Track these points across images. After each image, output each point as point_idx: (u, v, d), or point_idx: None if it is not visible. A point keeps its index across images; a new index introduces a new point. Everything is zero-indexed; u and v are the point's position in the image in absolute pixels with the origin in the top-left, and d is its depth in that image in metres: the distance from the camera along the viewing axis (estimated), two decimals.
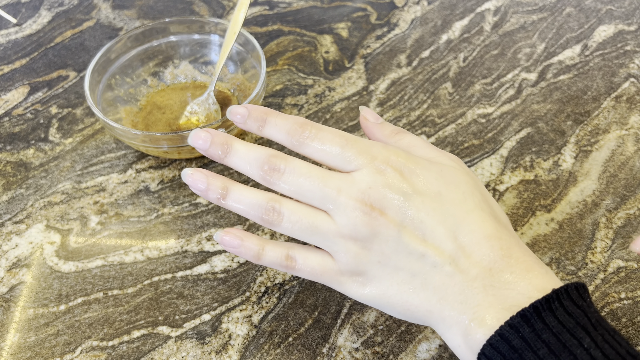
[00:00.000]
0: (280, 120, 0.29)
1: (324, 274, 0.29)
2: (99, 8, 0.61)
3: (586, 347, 0.23)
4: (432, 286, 0.27)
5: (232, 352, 0.34)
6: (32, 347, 0.34)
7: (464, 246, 0.27)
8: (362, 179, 0.27)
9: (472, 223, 0.27)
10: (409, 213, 0.27)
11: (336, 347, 0.34)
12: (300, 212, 0.28)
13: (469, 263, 0.27)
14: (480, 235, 0.27)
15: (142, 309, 0.36)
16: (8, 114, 0.49)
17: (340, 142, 0.28)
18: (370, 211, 0.27)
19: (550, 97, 0.50)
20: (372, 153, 0.28)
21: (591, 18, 0.58)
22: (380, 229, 0.27)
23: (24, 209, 0.42)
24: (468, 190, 0.28)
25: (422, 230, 0.27)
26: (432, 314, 0.27)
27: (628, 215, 0.41)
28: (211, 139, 0.29)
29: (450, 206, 0.28)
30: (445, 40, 0.56)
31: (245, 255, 0.30)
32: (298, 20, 0.59)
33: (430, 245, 0.27)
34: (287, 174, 0.28)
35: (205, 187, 0.29)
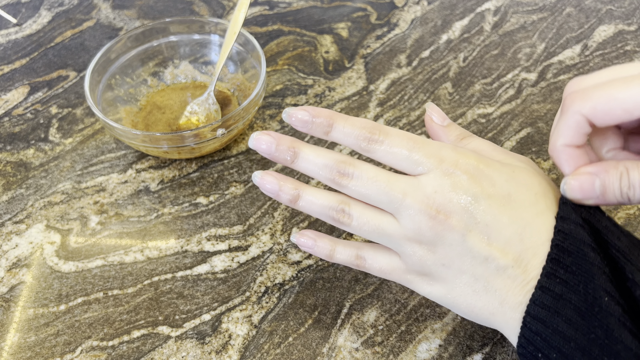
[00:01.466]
0: (348, 125, 0.29)
1: (392, 273, 0.30)
2: (99, 8, 0.61)
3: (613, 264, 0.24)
4: (495, 289, 0.27)
5: (232, 352, 0.34)
6: (32, 347, 0.34)
7: (529, 247, 0.27)
8: (428, 183, 0.27)
9: (541, 225, 0.27)
10: (474, 217, 0.27)
11: (336, 347, 0.34)
12: (367, 215, 0.29)
13: (532, 265, 0.26)
14: (545, 238, 0.27)
15: (142, 309, 0.36)
16: (8, 114, 0.49)
17: (408, 145, 0.28)
18: (435, 215, 0.27)
19: (550, 97, 0.50)
20: (441, 155, 0.28)
21: (591, 18, 0.58)
22: (445, 233, 0.27)
23: (24, 209, 0.42)
24: (541, 191, 0.28)
25: (487, 233, 0.27)
26: (495, 317, 0.28)
27: (628, 215, 0.41)
28: (276, 143, 0.30)
29: (519, 208, 0.27)
30: (445, 40, 0.56)
31: (319, 254, 0.32)
32: (298, 20, 0.59)
33: (495, 248, 0.27)
34: (356, 178, 0.28)
35: (277, 189, 0.30)
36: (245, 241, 0.39)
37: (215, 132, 0.41)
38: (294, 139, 0.30)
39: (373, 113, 0.49)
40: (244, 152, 0.46)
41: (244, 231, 0.40)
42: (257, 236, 0.40)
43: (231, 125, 0.41)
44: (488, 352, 0.33)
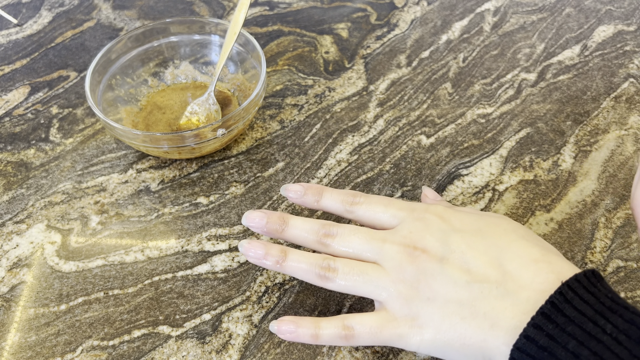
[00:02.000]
0: (334, 193, 0.34)
1: (383, 330, 0.29)
2: (100, 8, 0.62)
3: (609, 333, 0.23)
4: (482, 312, 0.27)
5: (233, 352, 0.34)
6: (32, 346, 0.34)
7: (510, 271, 0.27)
8: (403, 227, 0.31)
9: (517, 249, 0.28)
10: (449, 246, 0.29)
11: (336, 347, 0.34)
12: (352, 264, 0.31)
13: (518, 286, 0.27)
14: (527, 260, 0.27)
15: (142, 309, 0.36)
16: (9, 114, 0.50)
17: (384, 203, 0.32)
18: (412, 251, 0.29)
19: (550, 97, 0.50)
20: (412, 207, 0.32)
21: (591, 18, 0.58)
22: (424, 265, 0.29)
23: (25, 208, 0.42)
24: (509, 227, 0.30)
25: (464, 260, 0.28)
26: (487, 343, 0.27)
27: (627, 215, 0.41)
28: (267, 218, 0.33)
29: (491, 239, 0.29)
30: (445, 41, 0.56)
31: (303, 339, 0.31)
32: (298, 20, 0.59)
33: (475, 272, 0.28)
34: (339, 235, 0.31)
35: (263, 254, 0.32)
36: None
37: (215, 132, 0.41)
38: (282, 213, 0.34)
39: (373, 113, 0.49)
40: (244, 152, 0.46)
41: (244, 231, 0.40)
42: (258, 236, 0.40)
43: (231, 125, 0.41)
44: None
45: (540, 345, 0.24)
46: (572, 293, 0.25)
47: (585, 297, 0.25)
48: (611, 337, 0.23)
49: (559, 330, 0.24)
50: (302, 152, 0.46)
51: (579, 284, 0.25)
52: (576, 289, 0.25)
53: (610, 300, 0.25)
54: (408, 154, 0.46)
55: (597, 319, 0.24)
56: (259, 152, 0.46)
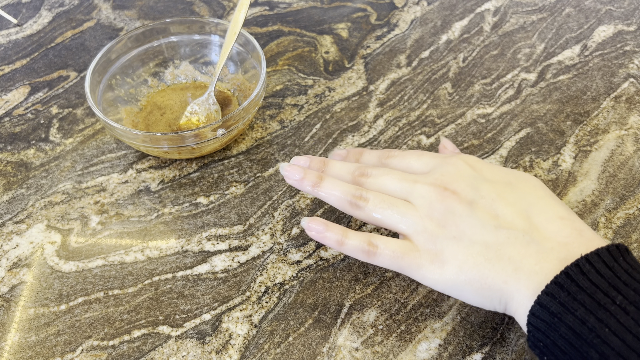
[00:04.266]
0: (372, 153, 0.37)
1: (404, 257, 0.31)
2: (100, 8, 0.62)
3: (619, 304, 0.24)
4: (507, 256, 0.28)
5: (233, 352, 0.34)
6: (32, 346, 0.34)
7: (537, 223, 0.28)
8: (435, 171, 0.32)
9: (545, 205, 0.29)
10: (480, 192, 0.30)
11: (336, 347, 0.34)
12: (383, 197, 0.32)
13: (543, 237, 0.28)
14: (553, 215, 0.29)
15: (142, 309, 0.36)
16: (9, 114, 0.50)
17: (418, 154, 0.35)
18: (443, 191, 0.30)
19: (550, 97, 0.50)
20: (444, 156, 0.33)
21: (590, 18, 0.58)
22: (454, 205, 0.30)
23: (25, 208, 0.42)
24: (539, 185, 0.31)
25: (493, 207, 0.29)
26: (507, 285, 0.28)
27: (627, 215, 0.41)
28: (304, 172, 0.35)
29: (521, 192, 0.30)
30: (445, 41, 0.56)
31: (329, 241, 0.33)
32: (298, 20, 0.59)
33: (502, 219, 0.29)
34: (373, 176, 0.34)
35: (301, 177, 0.34)
36: (245, 241, 0.40)
37: (215, 132, 0.41)
38: (323, 158, 0.37)
39: (373, 113, 0.49)
40: (244, 152, 0.46)
41: (244, 231, 0.40)
42: (258, 236, 0.40)
43: (231, 125, 0.41)
44: (487, 351, 0.33)
45: (552, 312, 0.25)
46: (588, 265, 0.26)
47: (602, 271, 0.25)
48: (619, 307, 0.24)
49: (571, 298, 0.25)
50: (302, 152, 0.46)
51: (597, 258, 0.26)
52: (594, 262, 0.26)
53: (627, 275, 0.25)
54: None
55: (608, 291, 0.25)
56: (259, 152, 0.46)
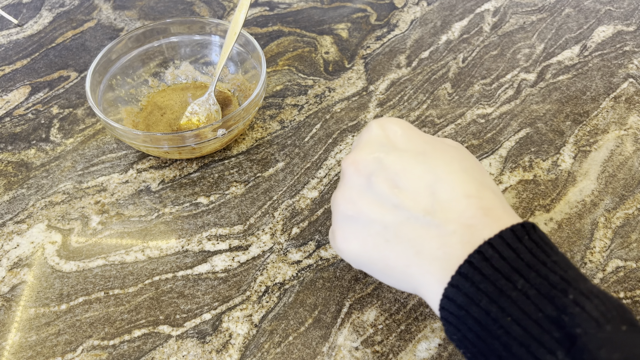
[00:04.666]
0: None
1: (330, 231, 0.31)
2: (100, 9, 0.62)
3: (520, 288, 0.23)
4: (407, 238, 0.26)
5: (233, 352, 0.34)
6: (33, 346, 0.34)
7: (441, 201, 0.26)
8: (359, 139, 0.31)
9: (453, 182, 0.27)
10: (382, 164, 0.28)
11: (336, 346, 0.34)
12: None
13: (446, 218, 0.26)
14: (460, 194, 0.26)
15: (143, 309, 0.36)
16: (9, 114, 0.50)
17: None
18: (347, 163, 0.29)
19: (549, 97, 0.50)
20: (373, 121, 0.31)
21: (590, 19, 0.59)
22: (352, 179, 0.28)
23: (25, 208, 0.42)
24: (456, 156, 0.28)
25: (394, 180, 0.27)
26: (410, 269, 0.27)
27: (627, 215, 0.41)
28: None
29: (432, 164, 0.27)
30: (445, 41, 0.56)
31: None
32: (298, 20, 0.60)
33: (403, 196, 0.27)
34: None
35: None
36: (245, 241, 0.40)
37: (215, 132, 0.41)
38: None
39: (373, 113, 0.49)
40: (245, 152, 0.46)
41: (245, 231, 0.40)
42: (258, 236, 0.40)
43: (231, 125, 0.41)
44: None
45: (458, 305, 0.24)
46: (491, 250, 0.24)
47: (505, 254, 0.24)
48: (521, 292, 0.23)
49: (475, 288, 0.24)
50: (302, 152, 0.46)
51: (501, 240, 0.24)
52: (497, 246, 0.24)
53: (531, 255, 0.24)
54: None
55: (511, 275, 0.23)
56: (259, 152, 0.46)
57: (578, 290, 0.22)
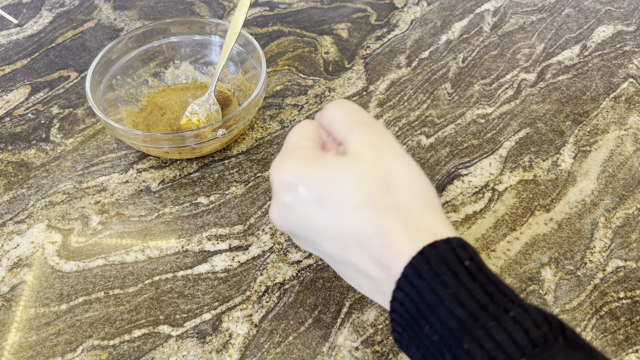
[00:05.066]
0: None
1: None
2: (100, 9, 0.62)
3: (427, 332, 0.24)
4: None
5: (233, 351, 0.34)
6: (33, 346, 0.34)
7: (349, 249, 0.27)
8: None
9: (353, 226, 0.26)
10: (292, 223, 0.28)
11: (336, 346, 0.34)
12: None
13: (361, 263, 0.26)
14: (361, 237, 0.26)
15: (143, 308, 0.36)
16: (9, 114, 0.50)
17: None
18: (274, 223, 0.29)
19: (549, 97, 0.50)
20: (270, 171, 0.30)
21: (590, 19, 0.59)
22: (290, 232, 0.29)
23: (25, 208, 0.42)
24: (353, 187, 0.27)
25: (310, 234, 0.28)
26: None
27: (627, 215, 0.41)
28: None
29: (329, 211, 0.27)
30: (445, 41, 0.56)
31: None
32: (298, 21, 0.60)
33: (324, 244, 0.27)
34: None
35: None
36: (245, 241, 0.40)
37: (215, 132, 0.41)
38: None
39: (373, 113, 0.49)
40: (245, 152, 0.46)
41: (245, 231, 0.40)
42: (258, 236, 0.40)
43: (232, 125, 0.41)
44: None
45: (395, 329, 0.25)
46: (403, 295, 0.25)
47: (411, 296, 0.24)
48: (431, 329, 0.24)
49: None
50: None
51: (406, 282, 0.25)
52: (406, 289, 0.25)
53: (431, 292, 0.24)
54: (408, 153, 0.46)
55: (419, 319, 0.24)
56: (259, 152, 0.46)
57: (472, 336, 0.23)
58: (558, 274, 0.38)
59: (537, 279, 0.37)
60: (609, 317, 0.36)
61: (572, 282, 0.37)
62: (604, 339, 0.34)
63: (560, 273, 0.38)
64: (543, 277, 0.37)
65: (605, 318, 0.35)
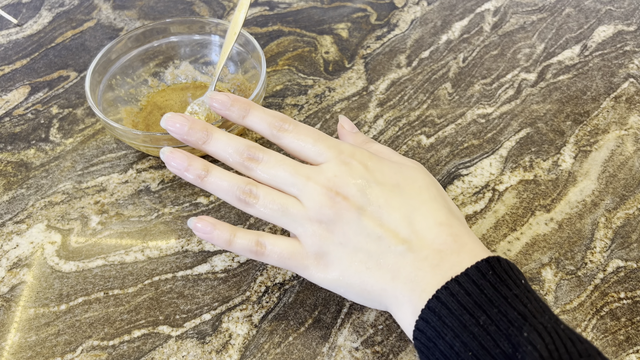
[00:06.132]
0: (262, 113, 0.32)
1: (291, 258, 0.31)
2: (100, 8, 0.62)
3: (482, 324, 0.25)
4: (387, 265, 0.29)
5: (233, 352, 0.34)
6: (32, 346, 0.34)
7: (417, 230, 0.29)
8: (329, 169, 0.30)
9: (426, 211, 0.30)
10: (368, 199, 0.30)
11: (336, 347, 0.34)
12: (273, 195, 0.31)
13: (421, 245, 0.29)
14: (432, 222, 0.30)
15: (142, 309, 0.36)
16: (9, 114, 0.50)
17: (314, 137, 0.32)
18: (334, 196, 0.30)
19: (550, 97, 0.50)
20: (340, 148, 0.31)
21: (590, 18, 0.58)
22: (343, 212, 0.30)
23: (25, 208, 0.42)
24: (424, 185, 0.32)
25: (379, 214, 0.30)
26: (386, 292, 0.29)
27: (627, 215, 0.41)
28: (189, 125, 0.31)
29: (407, 196, 0.30)
30: (445, 41, 0.56)
31: (217, 241, 0.31)
32: (298, 20, 0.59)
33: (387, 228, 0.29)
34: (264, 162, 0.31)
35: (186, 166, 0.31)
36: None
37: None
38: (207, 123, 0.32)
39: (373, 113, 0.49)
40: None
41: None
42: None
43: (231, 125, 0.41)
44: None
45: (428, 337, 0.26)
46: (457, 286, 0.26)
47: (470, 289, 0.26)
48: (482, 328, 0.25)
49: (441, 322, 0.26)
50: None
51: (466, 278, 0.27)
52: (463, 282, 0.26)
53: (494, 290, 0.26)
54: (408, 154, 0.46)
55: (474, 311, 0.25)
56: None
57: (533, 326, 0.24)
58: (558, 274, 0.38)
59: (538, 279, 0.37)
60: (609, 317, 0.35)
61: (572, 282, 0.37)
62: (604, 339, 0.34)
63: (561, 273, 0.38)
64: (543, 278, 0.37)
65: (606, 318, 0.35)
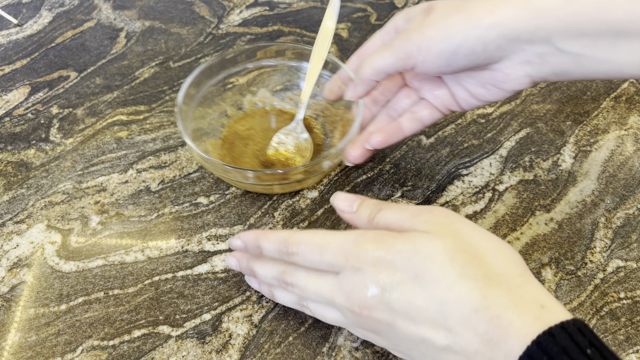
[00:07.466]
0: (270, 243, 0.33)
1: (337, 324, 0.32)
2: (100, 8, 0.62)
3: None
4: None
5: (233, 352, 0.34)
6: (33, 346, 0.34)
7: (453, 327, 0.26)
8: (344, 283, 0.29)
9: (457, 299, 0.26)
10: (392, 307, 0.28)
11: (336, 347, 0.34)
12: (316, 305, 0.32)
13: (465, 342, 0.26)
14: (467, 310, 0.26)
15: (142, 309, 0.36)
16: (9, 114, 0.50)
17: (319, 250, 0.30)
18: (360, 312, 0.29)
19: (550, 97, 0.50)
20: (345, 252, 0.29)
21: None
22: (376, 326, 0.29)
23: (25, 208, 0.42)
24: (446, 259, 0.27)
25: (410, 318, 0.27)
26: None
27: (627, 215, 0.41)
28: (239, 259, 0.36)
29: (429, 287, 0.27)
30: None
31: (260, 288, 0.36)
32: (298, 20, 0.59)
33: (424, 329, 0.27)
34: (293, 285, 0.32)
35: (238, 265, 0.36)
36: None
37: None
38: (250, 256, 0.35)
39: None
40: None
41: (245, 231, 0.40)
42: None
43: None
44: None
45: None
46: None
47: None
48: None
49: None
50: None
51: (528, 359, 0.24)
52: None
53: None
54: (408, 154, 0.46)
55: None
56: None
57: None
58: (558, 274, 0.38)
59: (538, 279, 0.37)
60: (609, 317, 0.35)
61: (572, 282, 0.37)
62: (604, 339, 0.34)
63: (561, 273, 0.38)
64: (543, 278, 0.37)
65: (606, 318, 0.35)
